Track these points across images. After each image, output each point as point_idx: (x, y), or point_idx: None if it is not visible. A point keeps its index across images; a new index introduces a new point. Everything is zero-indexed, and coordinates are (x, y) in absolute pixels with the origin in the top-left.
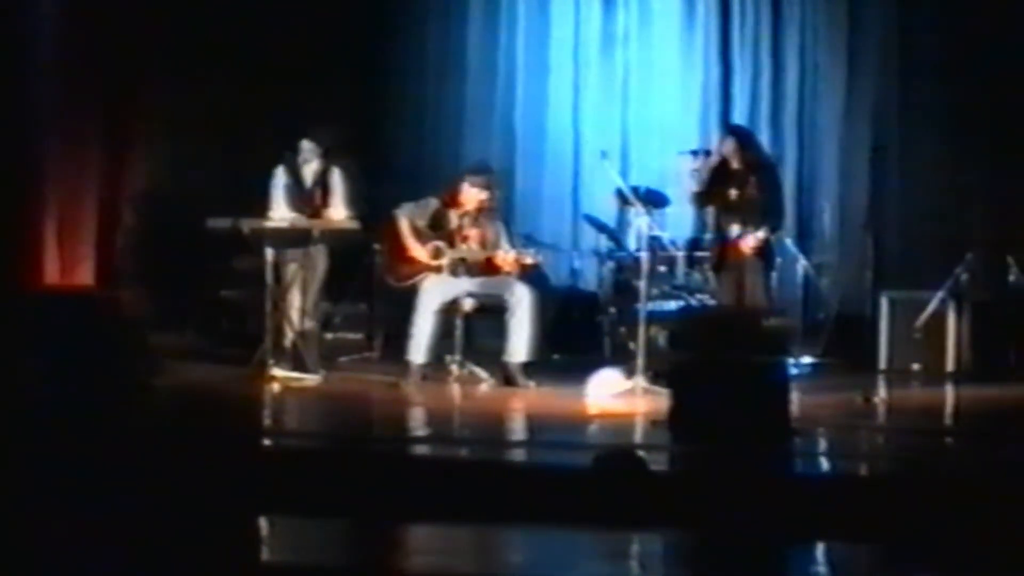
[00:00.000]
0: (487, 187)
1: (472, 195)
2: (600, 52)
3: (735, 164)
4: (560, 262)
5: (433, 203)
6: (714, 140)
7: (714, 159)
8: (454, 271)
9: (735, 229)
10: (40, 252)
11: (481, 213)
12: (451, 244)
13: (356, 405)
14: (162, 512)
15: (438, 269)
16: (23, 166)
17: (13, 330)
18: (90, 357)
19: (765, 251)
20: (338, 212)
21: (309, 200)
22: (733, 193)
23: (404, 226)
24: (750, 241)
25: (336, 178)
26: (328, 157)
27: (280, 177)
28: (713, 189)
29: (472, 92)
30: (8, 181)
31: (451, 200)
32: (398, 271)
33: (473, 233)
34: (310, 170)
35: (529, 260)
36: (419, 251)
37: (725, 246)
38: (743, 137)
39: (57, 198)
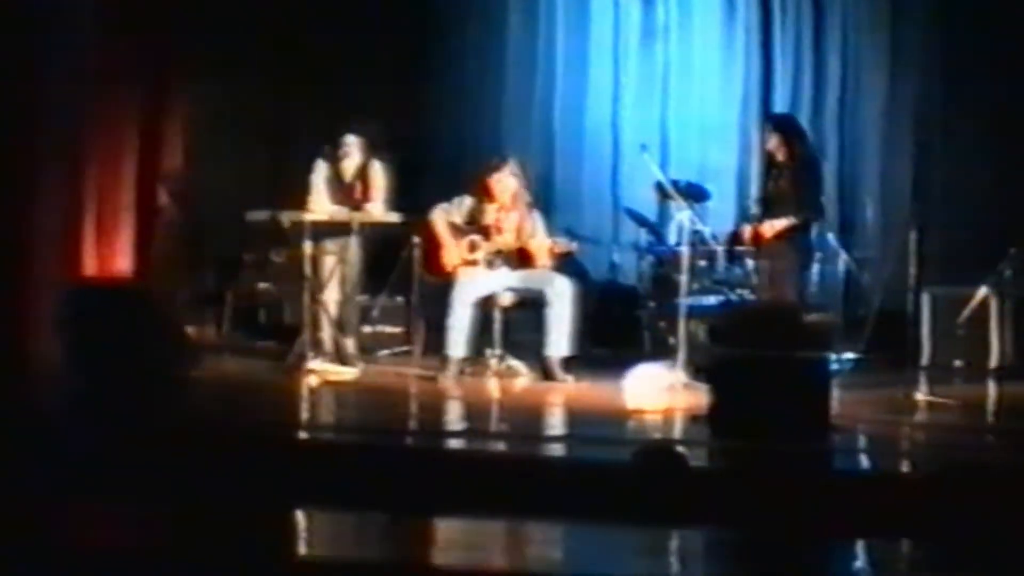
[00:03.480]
0: (516, 175)
1: (506, 186)
2: (640, 46)
3: (780, 157)
4: (599, 256)
5: (468, 200)
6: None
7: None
8: (491, 264)
9: (762, 217)
10: (78, 244)
11: (516, 204)
12: (487, 237)
13: (394, 399)
14: (198, 505)
15: (474, 263)
16: (61, 158)
17: (52, 321)
18: (127, 349)
19: (795, 241)
20: (378, 206)
21: (349, 194)
22: (771, 185)
23: (440, 226)
24: (767, 228)
25: (376, 172)
26: (368, 151)
27: (320, 170)
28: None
29: (512, 86)
30: (46, 172)
31: (485, 195)
32: (436, 267)
33: (509, 225)
34: (351, 164)
35: (563, 248)
36: (454, 251)
37: (756, 234)
38: (787, 130)
39: (95, 190)
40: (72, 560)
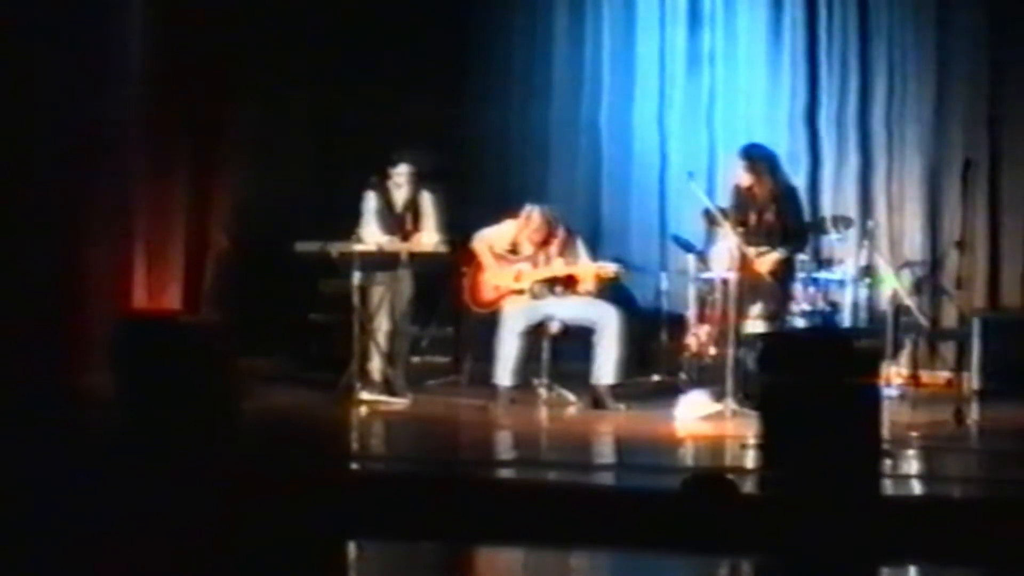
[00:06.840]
0: (544, 221)
1: (534, 229)
2: (686, 72)
3: (755, 190)
4: (647, 283)
5: (510, 227)
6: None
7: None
8: (537, 294)
9: (752, 252)
10: (128, 276)
11: (553, 233)
12: (534, 266)
13: (444, 429)
14: (250, 536)
15: (521, 292)
16: (111, 190)
17: (104, 354)
18: (178, 381)
19: (782, 273)
20: (430, 236)
21: (400, 224)
22: (752, 218)
23: (484, 253)
24: (765, 262)
25: (427, 202)
26: (418, 181)
27: (371, 201)
28: (736, 214)
29: (557, 114)
30: (96, 205)
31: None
32: (481, 298)
33: (553, 252)
34: (401, 194)
35: (609, 272)
36: (500, 276)
37: (744, 267)
38: (758, 164)
39: (145, 222)
40: None
